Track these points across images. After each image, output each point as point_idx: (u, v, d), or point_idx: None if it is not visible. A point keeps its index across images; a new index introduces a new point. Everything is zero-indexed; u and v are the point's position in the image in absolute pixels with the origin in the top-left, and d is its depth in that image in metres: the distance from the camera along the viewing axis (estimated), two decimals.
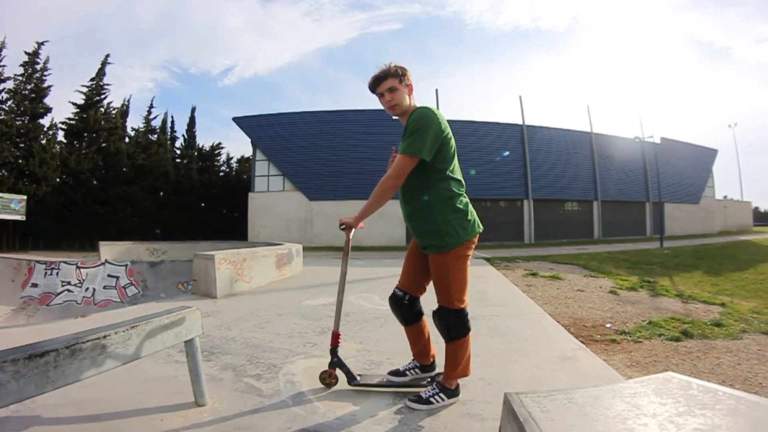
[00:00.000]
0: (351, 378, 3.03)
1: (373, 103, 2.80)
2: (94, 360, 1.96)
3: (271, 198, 30.86)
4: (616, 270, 11.78)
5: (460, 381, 2.88)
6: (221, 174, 41.43)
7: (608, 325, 5.02)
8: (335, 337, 3.08)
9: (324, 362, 3.50)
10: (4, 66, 28.75)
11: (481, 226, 2.78)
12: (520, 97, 33.38)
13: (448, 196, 2.65)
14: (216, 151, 41.49)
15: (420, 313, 3.01)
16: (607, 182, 34.78)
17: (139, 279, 13.21)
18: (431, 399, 2.74)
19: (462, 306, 2.71)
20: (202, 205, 37.84)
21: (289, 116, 31.57)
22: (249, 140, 32.06)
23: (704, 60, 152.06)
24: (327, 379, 3.10)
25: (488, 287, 8.07)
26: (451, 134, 2.68)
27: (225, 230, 35.62)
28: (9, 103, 28.97)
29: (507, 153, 31.83)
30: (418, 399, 2.76)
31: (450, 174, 2.67)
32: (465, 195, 2.76)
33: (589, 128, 35.62)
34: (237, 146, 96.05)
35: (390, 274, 8.76)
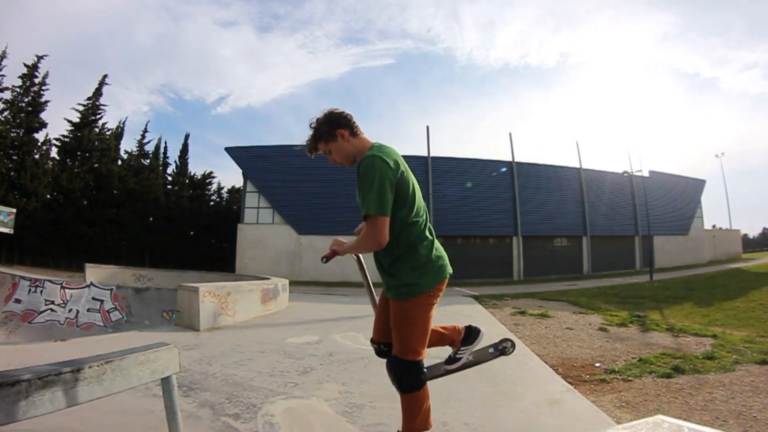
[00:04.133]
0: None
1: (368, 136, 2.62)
2: (66, 392, 1.91)
3: (261, 230, 30.78)
4: (605, 305, 11.74)
5: (451, 429, 2.79)
6: (212, 203, 41.52)
7: (597, 365, 4.95)
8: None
9: (305, 403, 3.44)
10: (3, 75, 28.90)
11: (449, 270, 2.61)
12: (510, 134, 34.02)
13: (411, 243, 2.48)
14: (207, 180, 41.72)
15: None
16: (596, 217, 35.15)
17: (124, 304, 12.93)
18: None
19: (416, 358, 2.53)
20: (192, 233, 37.63)
21: (280, 149, 31.74)
22: (240, 171, 32.17)
23: (691, 91, 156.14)
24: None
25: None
26: (406, 176, 2.42)
27: (213, 260, 35.32)
28: (5, 113, 29.01)
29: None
30: None
31: (409, 220, 2.46)
32: (430, 237, 2.57)
33: (578, 164, 36.22)
34: (228, 176, 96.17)
35: None
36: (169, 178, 40.08)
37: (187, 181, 40.25)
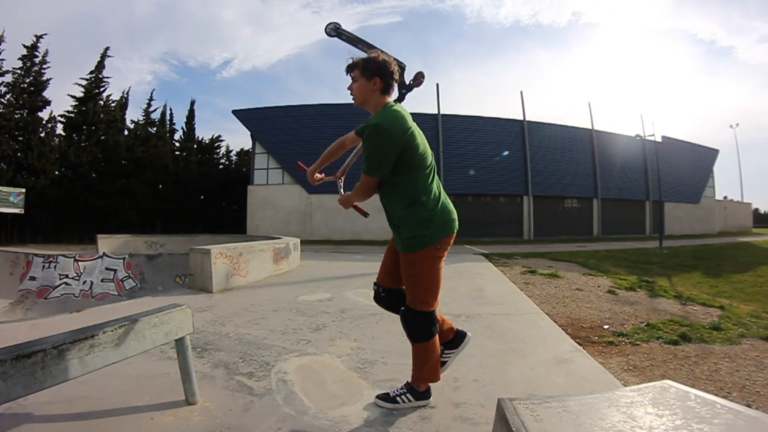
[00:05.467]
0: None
1: None
2: (81, 360, 1.95)
3: (271, 191, 30.84)
4: (614, 269, 11.75)
5: (461, 385, 2.86)
6: (221, 167, 41.41)
7: (606, 327, 4.98)
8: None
9: (318, 360, 3.51)
10: (2, 60, 28.63)
11: (456, 225, 2.67)
12: (521, 92, 33.39)
13: (413, 199, 2.56)
14: (215, 144, 41.48)
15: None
16: (608, 180, 34.74)
17: (137, 272, 13.15)
18: (397, 398, 2.72)
19: (426, 309, 2.64)
20: (202, 197, 37.78)
21: (289, 109, 31.52)
22: (249, 133, 32.00)
23: (706, 59, 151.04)
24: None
25: (485, 284, 8.05)
26: (414, 137, 2.53)
27: (224, 223, 35.60)
28: (8, 96, 28.88)
29: (506, 153, 31.73)
30: (386, 397, 2.75)
31: (418, 175, 2.56)
32: (437, 192, 2.64)
33: (590, 125, 35.60)
34: (237, 139, 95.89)
35: None
36: (177, 145, 39.85)
37: (195, 146, 40.02)
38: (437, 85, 34.23)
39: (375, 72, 2.59)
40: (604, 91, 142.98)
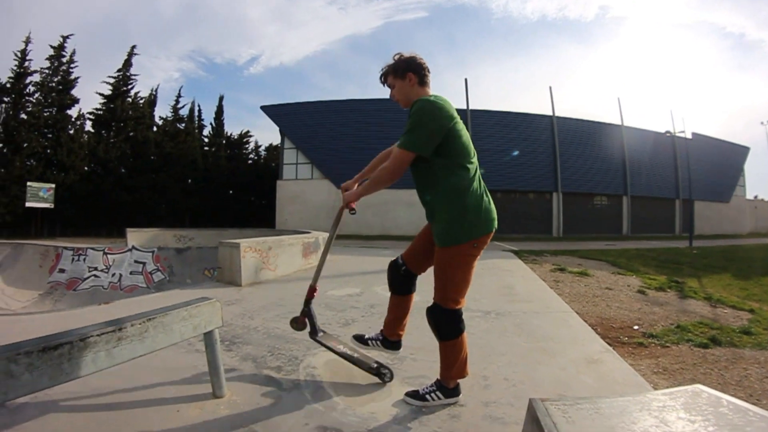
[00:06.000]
0: (313, 331, 3.19)
1: None
2: (109, 352, 1.97)
3: (300, 186, 31.13)
4: (644, 268, 11.48)
5: (491, 384, 2.86)
6: (249, 162, 41.86)
7: (636, 327, 4.87)
8: (311, 291, 3.22)
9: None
10: (30, 60, 29.46)
11: (495, 225, 2.66)
12: (549, 88, 32.87)
13: (455, 191, 2.53)
14: (244, 140, 41.97)
15: (410, 290, 2.99)
16: (637, 177, 34.00)
17: (166, 265, 13.31)
18: (427, 396, 2.70)
19: (455, 307, 2.62)
20: (230, 192, 38.26)
21: (316, 105, 31.74)
22: (277, 128, 32.30)
23: (735, 53, 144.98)
24: (296, 324, 3.26)
25: (516, 282, 7.98)
26: (459, 125, 2.53)
27: (253, 218, 36.04)
28: (36, 95, 29.70)
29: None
30: (415, 394, 2.74)
31: (459, 167, 2.53)
32: (479, 189, 2.61)
33: (619, 121, 34.88)
34: (265, 134, 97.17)
35: None
36: (206, 140, 40.48)
37: (223, 141, 40.59)
38: (465, 80, 34.14)
39: (406, 69, 2.63)
40: (632, 87, 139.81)
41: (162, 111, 64.82)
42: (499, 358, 3.54)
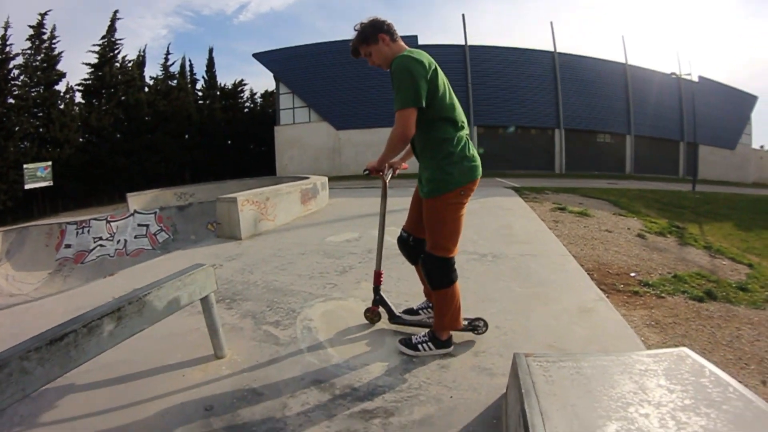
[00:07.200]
0: (392, 316, 3.18)
1: (397, 27, 2.75)
2: (111, 333, 2.05)
3: (298, 130, 30.78)
4: (645, 210, 11.40)
5: (480, 331, 2.94)
6: (245, 110, 41.03)
7: (633, 274, 4.87)
8: (377, 276, 3.21)
9: (343, 304, 3.64)
10: (11, 45, 28.37)
11: (480, 172, 2.68)
12: (551, 22, 31.74)
13: (439, 140, 2.60)
14: (239, 89, 40.97)
15: None
16: (641, 117, 33.18)
17: (169, 224, 13.43)
18: (419, 346, 2.80)
19: (446, 255, 2.67)
20: (229, 142, 37.83)
21: (311, 48, 30.84)
22: (271, 75, 31.65)
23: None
24: (370, 315, 3.28)
25: (514, 221, 7.90)
26: (437, 74, 2.55)
27: (253, 166, 35.74)
28: (22, 78, 28.83)
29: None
30: (407, 343, 2.84)
31: (440, 116, 2.57)
32: (462, 137, 2.64)
33: (623, 59, 33.80)
34: (260, 81, 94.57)
35: None
36: (200, 94, 39.58)
37: (218, 93, 39.59)
38: (463, 15, 32.71)
39: (376, 32, 2.67)
40: (637, 24, 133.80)
41: (152, 71, 63.06)
42: (493, 305, 3.59)
